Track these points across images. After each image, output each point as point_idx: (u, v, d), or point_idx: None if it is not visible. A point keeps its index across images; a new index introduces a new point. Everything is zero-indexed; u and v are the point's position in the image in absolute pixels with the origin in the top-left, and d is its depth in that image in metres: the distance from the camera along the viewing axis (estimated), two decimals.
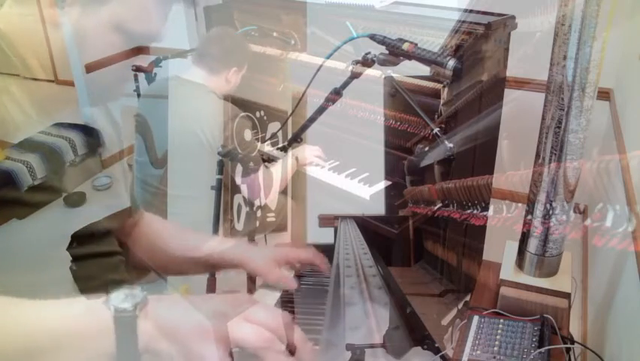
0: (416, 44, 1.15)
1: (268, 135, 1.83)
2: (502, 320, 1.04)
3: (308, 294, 1.08)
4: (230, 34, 1.75)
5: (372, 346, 0.87)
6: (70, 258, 0.79)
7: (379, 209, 1.46)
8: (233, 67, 1.68)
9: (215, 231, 1.68)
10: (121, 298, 0.59)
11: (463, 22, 1.12)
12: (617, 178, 1.26)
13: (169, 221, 1.04)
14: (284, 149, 1.69)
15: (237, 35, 1.79)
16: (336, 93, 1.35)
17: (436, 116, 1.24)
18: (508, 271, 1.12)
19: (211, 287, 1.43)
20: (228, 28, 1.85)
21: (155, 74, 1.90)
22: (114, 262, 0.87)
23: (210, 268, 0.96)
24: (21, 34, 0.78)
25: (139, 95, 1.91)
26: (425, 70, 1.18)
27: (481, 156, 1.19)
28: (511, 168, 1.30)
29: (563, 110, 0.93)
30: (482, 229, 1.23)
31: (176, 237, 1.00)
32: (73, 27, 0.73)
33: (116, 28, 0.74)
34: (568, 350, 1.00)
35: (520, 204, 1.14)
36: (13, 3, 0.76)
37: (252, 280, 1.22)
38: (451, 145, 1.17)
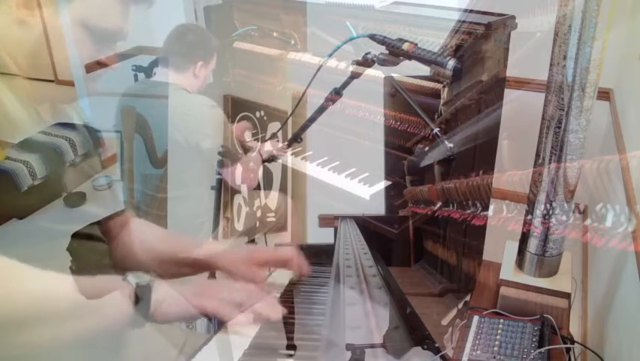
0: (416, 44, 1.15)
1: (268, 135, 1.83)
2: (502, 320, 1.04)
3: (308, 294, 1.08)
4: (191, 29, 1.72)
5: (372, 346, 0.87)
6: (70, 258, 0.79)
7: (379, 209, 1.46)
8: (198, 61, 1.66)
9: (215, 230, 1.68)
10: (133, 277, 0.76)
11: (463, 22, 1.12)
12: (617, 178, 1.26)
13: (162, 228, 1.09)
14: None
15: (200, 29, 1.76)
16: (336, 93, 1.34)
17: (436, 116, 1.24)
18: (508, 271, 1.12)
19: None
20: (189, 24, 1.82)
21: (155, 73, 1.90)
22: (93, 246, 0.89)
23: (191, 271, 0.99)
24: (21, 35, 0.78)
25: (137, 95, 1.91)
26: (425, 70, 1.18)
27: (481, 156, 1.19)
28: (511, 168, 1.30)
29: (563, 110, 0.93)
30: (482, 229, 1.23)
31: (162, 240, 1.03)
32: (43, 26, 0.77)
33: (81, 25, 0.79)
34: (568, 350, 1.00)
35: (520, 204, 1.14)
36: (13, 4, 0.77)
37: None
38: (451, 145, 1.17)
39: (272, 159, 1.70)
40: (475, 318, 1.05)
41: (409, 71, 1.28)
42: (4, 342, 0.66)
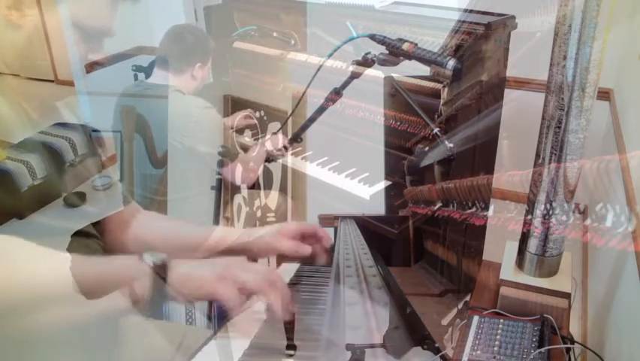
0: (416, 44, 1.15)
1: (268, 135, 1.83)
2: (502, 320, 1.04)
3: (308, 294, 1.08)
4: (189, 31, 1.72)
5: (372, 346, 0.87)
6: (70, 258, 0.79)
7: (379, 209, 1.46)
8: (196, 63, 1.66)
9: None
10: (150, 256, 0.74)
11: (463, 22, 1.12)
12: (617, 178, 1.26)
13: (167, 217, 1.08)
14: (284, 149, 1.69)
15: (197, 30, 1.76)
16: (336, 93, 1.34)
17: (436, 116, 1.24)
18: (508, 271, 1.12)
19: None
20: (186, 25, 1.82)
21: (151, 75, 1.90)
22: (86, 243, 0.88)
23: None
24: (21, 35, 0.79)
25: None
26: (425, 70, 1.18)
27: (481, 156, 1.19)
28: (511, 168, 1.30)
29: (563, 110, 0.93)
30: (482, 229, 1.23)
31: (174, 233, 1.02)
32: (34, 26, 0.78)
33: (71, 24, 0.80)
34: (568, 350, 1.00)
35: (520, 204, 1.14)
36: (13, 4, 0.78)
37: None
38: (451, 145, 1.17)
39: (272, 158, 1.70)
40: (475, 318, 1.05)
41: (409, 71, 1.28)
42: (4, 325, 0.66)
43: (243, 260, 0.88)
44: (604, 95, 1.59)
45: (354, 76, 1.30)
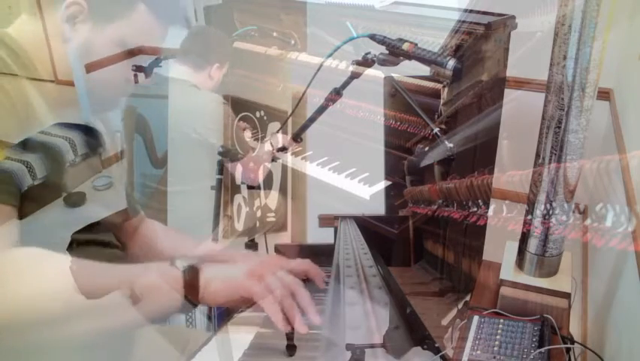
0: (416, 44, 1.15)
1: (268, 135, 1.83)
2: (502, 320, 1.04)
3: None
4: (212, 31, 1.79)
5: (372, 346, 0.87)
6: (70, 258, 0.79)
7: (379, 209, 1.46)
8: (215, 63, 1.72)
9: (215, 229, 1.68)
10: (181, 261, 0.75)
11: (463, 22, 1.12)
12: (617, 178, 1.26)
13: (168, 227, 1.09)
14: (284, 149, 1.69)
15: (219, 32, 1.82)
16: (336, 93, 1.34)
17: (436, 116, 1.24)
18: (508, 271, 1.12)
19: None
20: (209, 26, 1.89)
21: (156, 74, 1.90)
22: (108, 253, 0.89)
23: None
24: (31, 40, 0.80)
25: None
26: (425, 70, 1.18)
27: (481, 156, 1.19)
28: (511, 168, 1.30)
29: (563, 110, 0.93)
30: (482, 229, 1.23)
31: (172, 241, 1.03)
32: (82, 42, 0.79)
33: (119, 43, 0.81)
34: (568, 350, 1.01)
35: (520, 204, 1.14)
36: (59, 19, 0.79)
37: None
38: (451, 145, 1.17)
39: (272, 158, 1.70)
40: (475, 318, 1.05)
41: (409, 71, 1.28)
42: (5, 342, 0.66)
43: (274, 261, 0.87)
44: (604, 95, 1.59)
45: (354, 76, 1.30)
